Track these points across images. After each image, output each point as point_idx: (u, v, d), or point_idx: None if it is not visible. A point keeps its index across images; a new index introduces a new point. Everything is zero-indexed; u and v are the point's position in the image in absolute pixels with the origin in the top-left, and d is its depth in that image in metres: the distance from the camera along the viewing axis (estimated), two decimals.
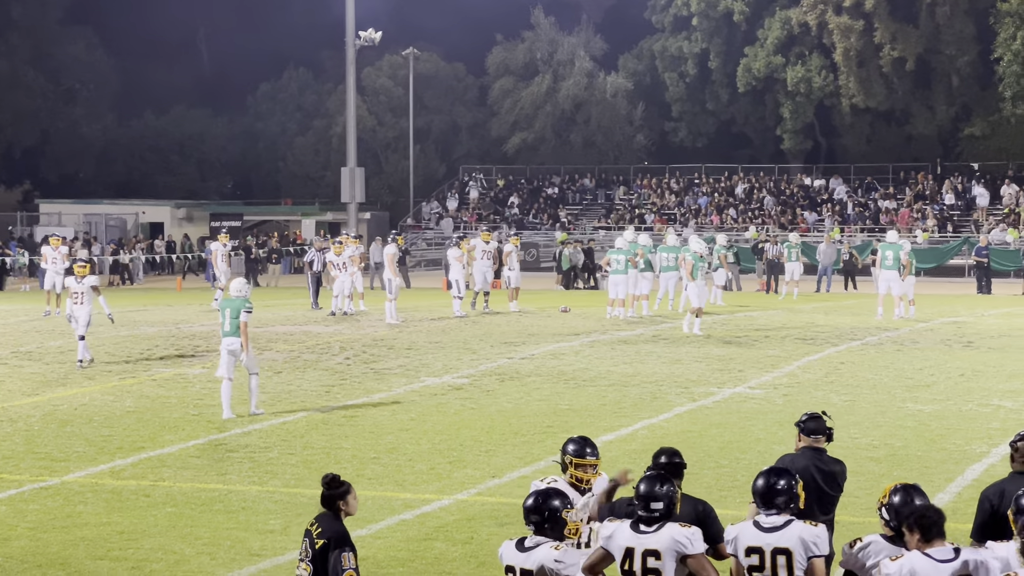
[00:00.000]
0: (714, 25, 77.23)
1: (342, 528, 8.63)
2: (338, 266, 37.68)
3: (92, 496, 14.87)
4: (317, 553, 8.52)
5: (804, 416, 10.12)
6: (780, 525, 8.15)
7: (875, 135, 77.03)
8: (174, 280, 57.81)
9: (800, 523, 8.16)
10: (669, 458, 9.16)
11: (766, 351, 27.97)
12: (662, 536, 8.01)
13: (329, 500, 8.78)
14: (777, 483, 8.25)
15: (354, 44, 61.16)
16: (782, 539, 8.09)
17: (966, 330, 32.45)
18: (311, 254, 41.83)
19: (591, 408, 20.54)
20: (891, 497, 8.05)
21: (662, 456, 9.18)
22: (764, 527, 8.17)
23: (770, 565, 8.10)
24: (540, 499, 8.18)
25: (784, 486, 8.24)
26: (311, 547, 8.58)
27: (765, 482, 8.28)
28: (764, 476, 8.32)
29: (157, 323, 35.56)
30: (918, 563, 7.53)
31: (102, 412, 20.45)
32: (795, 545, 8.06)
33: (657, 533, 8.03)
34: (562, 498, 8.28)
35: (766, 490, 8.26)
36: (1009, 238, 56.91)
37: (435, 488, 15.18)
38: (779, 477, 8.29)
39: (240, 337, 19.91)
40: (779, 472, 8.37)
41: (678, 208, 70.78)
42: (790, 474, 8.39)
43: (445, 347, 29.02)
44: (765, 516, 8.22)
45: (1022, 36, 66.42)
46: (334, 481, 8.79)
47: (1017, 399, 21.21)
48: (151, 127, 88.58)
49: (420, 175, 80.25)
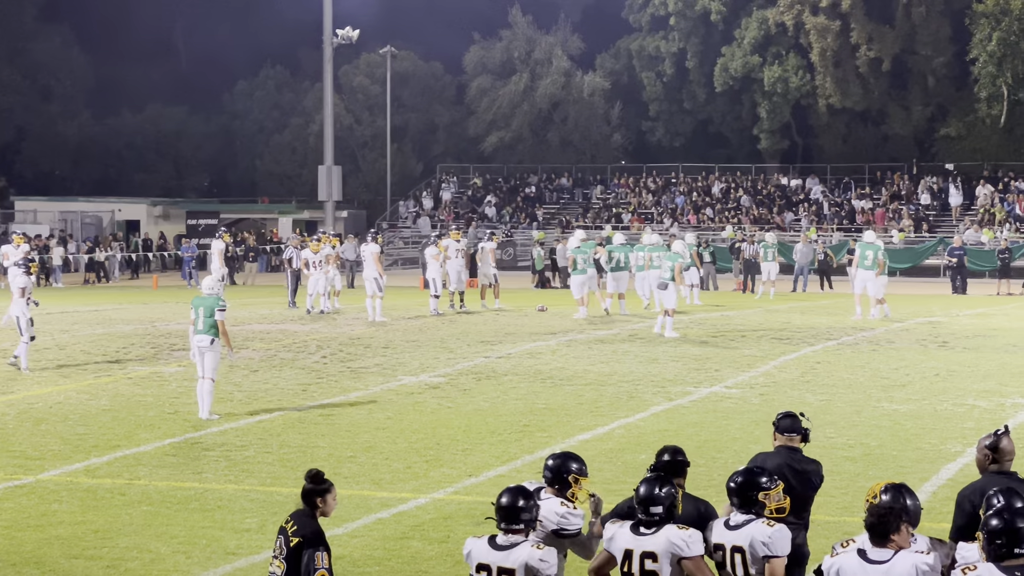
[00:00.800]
0: (691, 25, 77.39)
1: (317, 527, 8.57)
2: (314, 264, 37.67)
3: (67, 495, 14.82)
4: (291, 551, 8.47)
5: (780, 414, 10.11)
6: (741, 523, 8.21)
7: (851, 135, 77.30)
8: (150, 278, 57.66)
9: (758, 523, 8.19)
10: (672, 456, 9.12)
11: (743, 351, 28.02)
12: (659, 538, 8.03)
13: (308, 496, 8.71)
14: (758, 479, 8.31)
15: (331, 42, 61.05)
16: (739, 537, 8.17)
17: (941, 330, 32.55)
18: (289, 251, 41.78)
19: (568, 407, 20.55)
20: (881, 496, 8.03)
21: (665, 454, 9.14)
22: (730, 525, 8.25)
23: (730, 562, 8.19)
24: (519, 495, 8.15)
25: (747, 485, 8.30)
26: (286, 545, 8.52)
27: (744, 481, 8.32)
28: (742, 475, 8.36)
29: (133, 321, 35.46)
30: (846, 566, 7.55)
31: (77, 410, 20.38)
32: (747, 544, 8.12)
33: (655, 535, 8.05)
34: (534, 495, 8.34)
35: (741, 490, 8.29)
36: (984, 238, 57.11)
37: (411, 487, 15.17)
38: (757, 477, 8.32)
39: (210, 335, 19.74)
40: (757, 473, 8.38)
41: (655, 207, 70.84)
42: (769, 475, 8.40)
43: (422, 346, 29.01)
44: (735, 514, 8.29)
45: (998, 37, 66.67)
46: (318, 477, 8.73)
47: (991, 399, 21.29)
48: (127, 124, 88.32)
49: (397, 174, 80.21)
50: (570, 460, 8.81)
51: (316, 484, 8.69)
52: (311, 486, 8.70)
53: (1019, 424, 18.88)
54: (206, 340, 19.76)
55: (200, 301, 19.94)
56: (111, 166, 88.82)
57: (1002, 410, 20.20)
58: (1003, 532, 7.05)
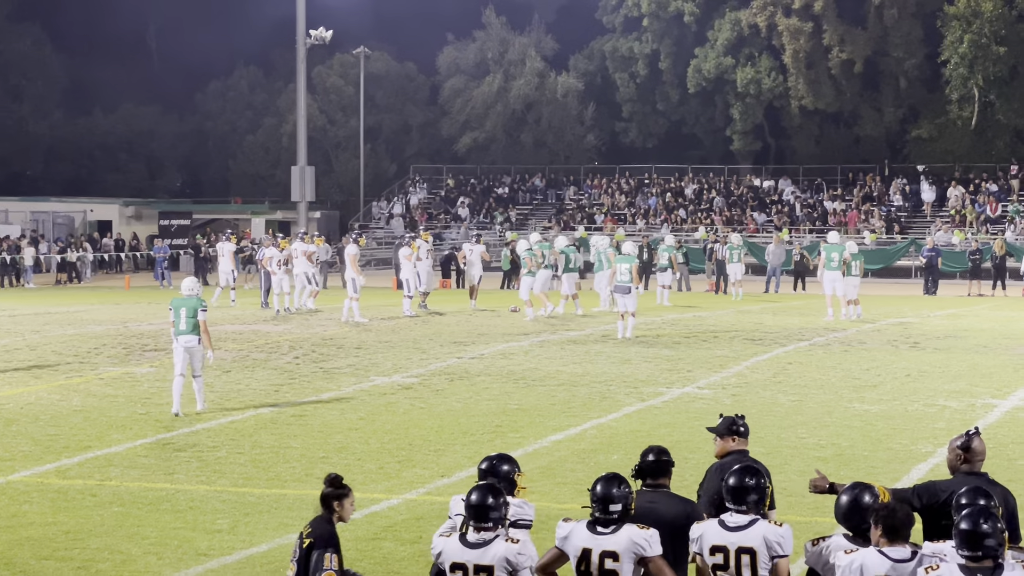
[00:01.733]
0: (664, 26, 77.52)
1: (331, 529, 8.61)
2: (278, 263, 38.06)
3: (38, 496, 14.77)
4: (303, 553, 8.49)
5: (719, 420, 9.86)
6: (745, 524, 8.13)
7: (824, 136, 77.55)
8: (122, 278, 57.49)
9: (765, 523, 8.15)
10: (657, 456, 9.10)
11: (715, 351, 28.08)
12: (620, 537, 8.01)
13: (326, 499, 8.75)
14: (749, 481, 8.26)
15: (305, 43, 60.93)
16: (746, 538, 8.07)
17: (912, 331, 32.69)
18: (262, 252, 41.71)
19: (540, 408, 20.56)
20: (839, 497, 8.08)
21: (650, 454, 9.11)
22: (729, 526, 8.15)
23: (734, 564, 8.09)
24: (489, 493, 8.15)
25: (755, 484, 8.25)
26: (299, 547, 8.56)
27: (738, 480, 8.28)
28: (737, 474, 8.33)
29: (105, 322, 35.36)
30: (870, 559, 7.58)
31: (48, 411, 20.31)
32: (759, 544, 8.04)
33: (615, 535, 8.03)
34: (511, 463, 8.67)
35: (738, 488, 8.26)
36: (955, 240, 57.35)
37: (384, 487, 15.17)
38: (752, 476, 8.30)
39: (196, 334, 20.02)
40: (752, 471, 8.37)
41: (628, 208, 70.92)
42: (761, 474, 8.40)
43: (395, 346, 29.00)
44: (731, 515, 8.21)
45: (969, 39, 66.96)
46: (336, 481, 8.79)
47: (962, 399, 21.39)
48: (99, 124, 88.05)
49: (371, 174, 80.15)
50: (504, 462, 8.85)
51: (334, 488, 8.74)
52: (329, 490, 8.74)
53: (990, 424, 18.97)
54: (193, 340, 20.03)
55: (181, 302, 20.14)
56: (83, 166, 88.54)
57: (972, 410, 20.30)
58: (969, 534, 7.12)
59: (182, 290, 20.61)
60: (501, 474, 8.70)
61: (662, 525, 8.31)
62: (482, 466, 8.84)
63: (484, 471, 8.76)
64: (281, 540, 12.81)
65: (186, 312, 20.04)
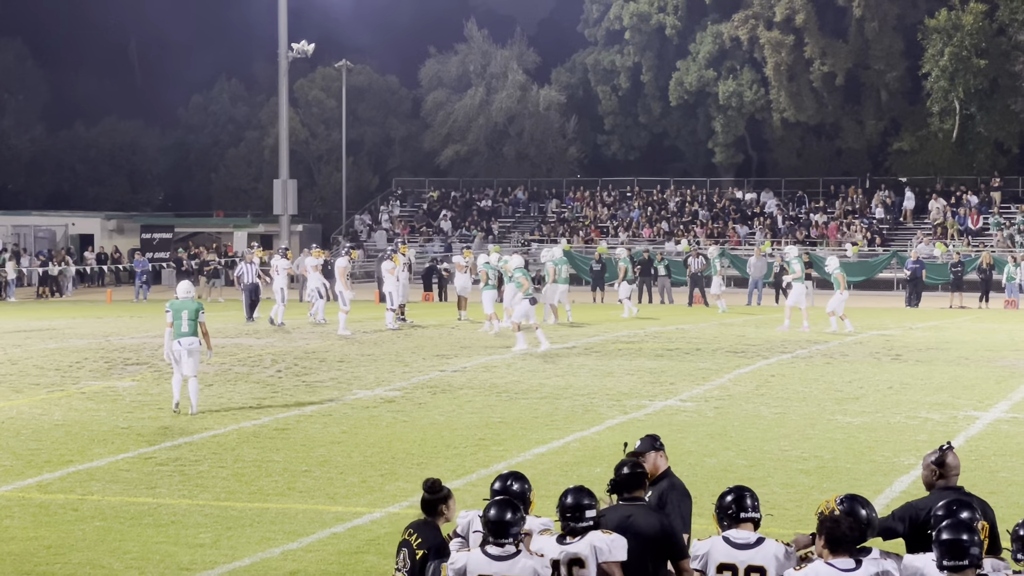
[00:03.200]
0: (646, 39, 77.66)
1: (442, 538, 8.63)
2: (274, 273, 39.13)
3: (19, 510, 14.71)
4: (418, 563, 8.45)
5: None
6: (753, 542, 8.11)
7: (805, 149, 77.71)
8: (104, 292, 57.35)
9: (773, 541, 8.13)
10: (632, 469, 9.12)
11: (697, 364, 28.10)
12: (583, 544, 8.07)
13: (429, 505, 8.76)
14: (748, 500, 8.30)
15: (287, 56, 61.01)
16: (756, 556, 8.05)
17: (895, 343, 32.76)
18: (241, 267, 41.67)
19: (523, 421, 20.55)
20: (838, 507, 8.05)
21: (625, 467, 9.13)
22: (736, 543, 8.13)
23: None
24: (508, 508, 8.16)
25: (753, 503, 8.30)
26: (411, 557, 8.49)
27: (738, 494, 8.31)
28: (735, 491, 8.35)
29: (87, 335, 35.27)
30: (820, 571, 7.58)
31: (30, 425, 20.24)
32: (770, 563, 8.02)
33: (579, 541, 8.09)
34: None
35: (740, 502, 8.28)
36: (937, 252, 57.50)
37: (367, 501, 15.13)
38: (748, 494, 8.34)
39: (197, 336, 21.09)
40: (747, 490, 8.40)
41: (611, 221, 70.99)
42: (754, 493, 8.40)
43: (377, 359, 28.97)
44: (736, 532, 8.19)
45: (950, 52, 67.17)
46: (436, 485, 8.80)
47: (944, 411, 21.43)
48: (81, 138, 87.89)
49: (353, 187, 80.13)
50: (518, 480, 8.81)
51: (434, 493, 8.76)
52: (431, 495, 8.75)
53: (972, 436, 19.02)
54: (195, 341, 21.06)
55: (181, 305, 21.19)
56: (65, 180, 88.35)
57: (955, 422, 20.33)
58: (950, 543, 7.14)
59: (179, 294, 21.73)
60: (514, 493, 8.64)
61: (640, 538, 8.32)
62: (495, 486, 8.78)
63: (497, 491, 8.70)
64: (264, 554, 12.79)
65: (187, 314, 21.05)
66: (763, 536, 8.18)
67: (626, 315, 41.67)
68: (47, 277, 58.76)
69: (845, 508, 7.94)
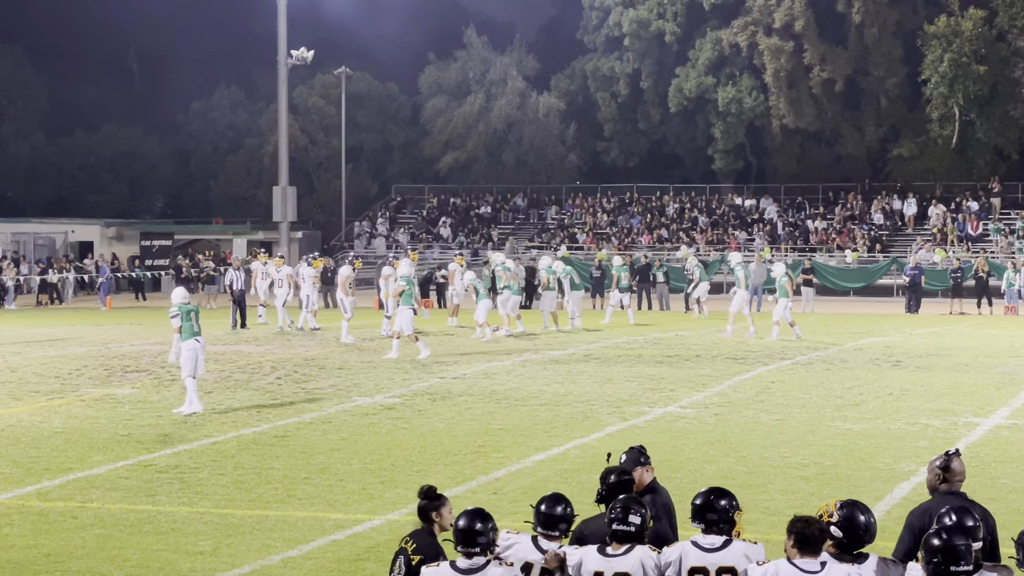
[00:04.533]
0: (646, 45, 77.66)
1: (438, 546, 8.66)
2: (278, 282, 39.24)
3: (19, 518, 14.70)
4: (414, 570, 8.48)
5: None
6: (720, 545, 8.16)
7: (805, 155, 77.71)
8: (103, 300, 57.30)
9: (741, 542, 8.19)
10: (618, 477, 9.12)
11: (697, 370, 28.09)
12: (632, 559, 8.09)
13: (424, 512, 8.81)
14: (721, 502, 8.30)
15: (286, 63, 60.99)
16: (727, 558, 8.11)
17: (894, 349, 32.75)
18: (231, 275, 41.57)
19: (523, 427, 20.54)
20: (837, 512, 8.04)
21: (611, 475, 9.14)
22: (705, 547, 8.17)
23: None
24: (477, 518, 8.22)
25: (728, 505, 8.30)
26: (406, 564, 8.52)
27: (706, 500, 8.31)
28: (705, 495, 8.36)
29: (86, 343, 35.26)
30: (781, 570, 7.68)
31: (29, 433, 20.23)
32: (740, 563, 8.07)
33: (627, 556, 8.11)
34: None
35: (707, 507, 8.29)
36: (936, 258, 57.49)
37: (367, 508, 15.12)
38: (724, 496, 8.35)
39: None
40: (722, 493, 8.40)
41: (610, 228, 70.99)
42: (731, 496, 8.40)
43: (377, 367, 28.96)
44: (704, 536, 8.22)
45: (949, 58, 67.19)
46: (431, 492, 8.86)
47: (944, 418, 21.42)
48: (81, 145, 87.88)
49: (352, 194, 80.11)
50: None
51: (431, 500, 8.83)
52: (426, 502, 8.81)
53: (972, 443, 19.00)
54: (203, 341, 22.43)
55: (188, 308, 22.31)
56: (64, 187, 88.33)
57: (955, 429, 20.32)
58: (941, 550, 7.13)
59: (176, 299, 22.56)
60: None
61: None
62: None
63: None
64: (264, 561, 12.77)
65: (195, 316, 22.33)
66: (730, 538, 8.22)
67: (607, 321, 41.72)
68: (46, 284, 58.70)
69: (844, 514, 7.94)
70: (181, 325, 22.16)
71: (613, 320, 41.97)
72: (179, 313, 22.24)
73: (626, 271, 44.52)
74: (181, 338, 22.24)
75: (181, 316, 22.18)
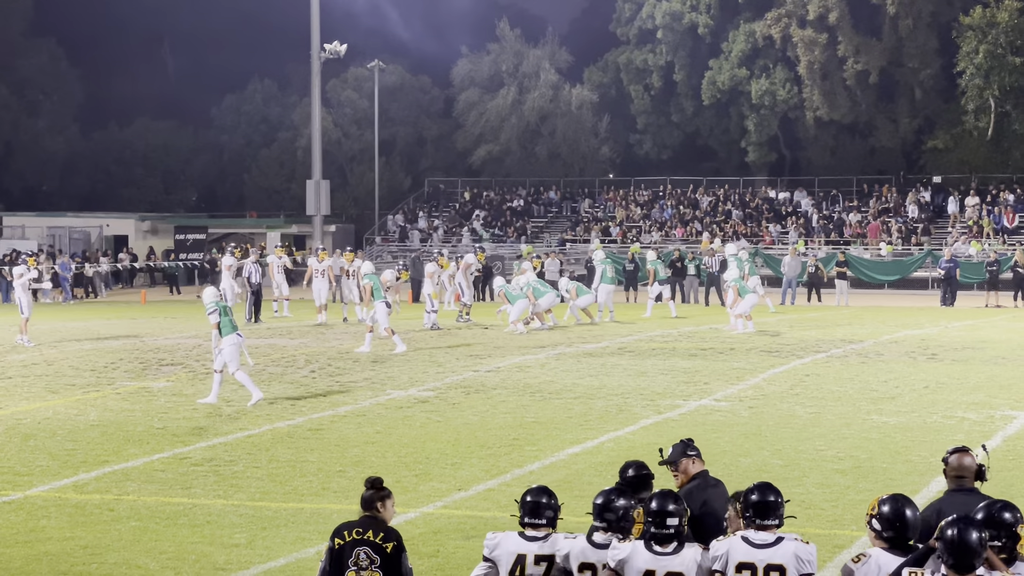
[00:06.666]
0: (679, 38, 77.49)
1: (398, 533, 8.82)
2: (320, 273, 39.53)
3: (55, 511, 14.75)
4: (389, 557, 8.57)
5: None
6: (772, 542, 8.10)
7: (839, 148, 77.40)
8: (138, 293, 57.56)
9: (793, 540, 8.11)
10: (637, 471, 9.10)
11: (731, 363, 28.01)
12: (685, 558, 8.09)
13: (370, 502, 8.86)
14: (771, 497, 8.26)
15: (319, 56, 61.07)
16: (776, 555, 8.03)
17: (930, 342, 32.58)
18: (248, 267, 41.53)
19: (557, 421, 20.52)
20: (880, 507, 7.99)
21: (630, 469, 9.12)
22: (755, 543, 8.11)
23: None
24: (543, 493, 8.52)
25: (778, 500, 8.26)
26: (377, 552, 8.56)
27: (761, 496, 8.26)
28: (758, 491, 8.30)
29: (121, 336, 35.39)
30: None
31: (66, 426, 20.32)
32: (789, 562, 8.00)
33: (679, 555, 8.12)
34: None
35: (763, 504, 8.24)
36: (972, 250, 57.21)
37: (401, 501, 15.09)
38: (772, 492, 8.30)
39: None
40: (770, 487, 8.35)
41: (643, 220, 70.86)
42: (779, 491, 8.34)
43: (411, 360, 28.97)
44: (755, 532, 8.17)
45: (984, 49, 66.81)
46: (378, 483, 8.93)
47: (981, 411, 21.30)
48: (115, 139, 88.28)
49: (385, 187, 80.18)
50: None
51: (377, 490, 8.90)
52: (372, 492, 8.87)
53: (1009, 436, 18.90)
54: (243, 336, 23.00)
55: (224, 304, 22.83)
56: (99, 181, 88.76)
57: (992, 422, 20.21)
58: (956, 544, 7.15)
59: (210, 297, 23.08)
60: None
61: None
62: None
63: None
64: (299, 554, 12.79)
65: (232, 312, 22.94)
66: (782, 535, 8.16)
67: (648, 315, 41.67)
68: (82, 278, 58.96)
69: (889, 509, 7.90)
70: (220, 321, 22.40)
71: (653, 313, 41.98)
72: (217, 309, 22.51)
73: (660, 264, 44.46)
74: (221, 334, 22.43)
75: (219, 312, 22.45)
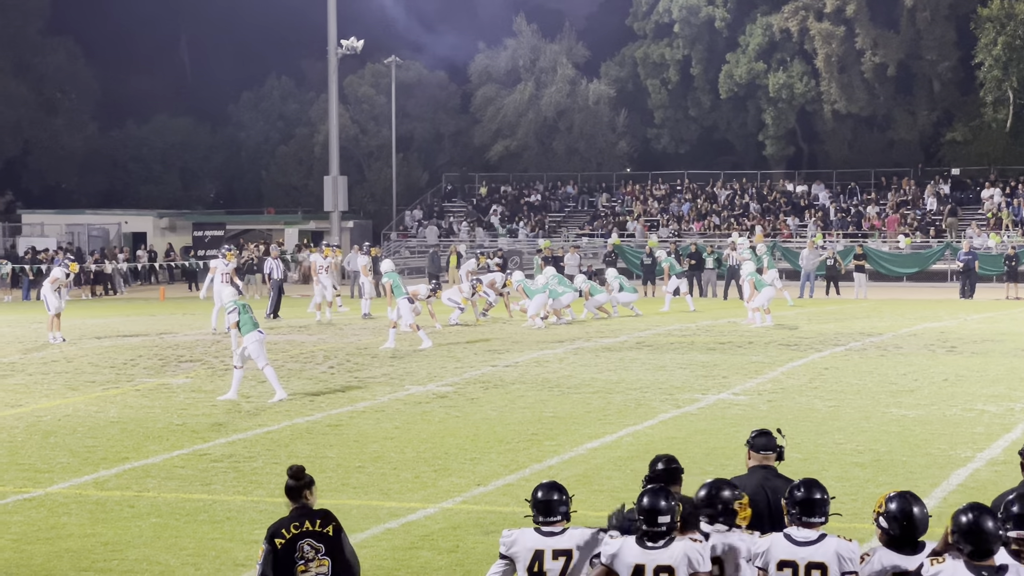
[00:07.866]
0: (696, 32, 77.40)
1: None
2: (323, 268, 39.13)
3: (76, 507, 14.81)
4: (332, 541, 8.68)
5: (754, 433, 9.87)
6: (815, 539, 8.05)
7: (857, 141, 77.26)
8: (157, 290, 57.68)
9: (835, 538, 8.06)
10: (667, 464, 9.09)
11: (750, 357, 27.98)
12: (675, 551, 7.98)
13: (297, 491, 9.03)
14: (817, 494, 8.21)
15: (336, 53, 61.12)
16: (817, 553, 7.99)
17: (949, 335, 32.50)
18: (269, 264, 41.62)
19: (576, 415, 20.52)
20: (887, 505, 7.95)
21: (659, 463, 9.10)
22: (798, 540, 8.08)
23: None
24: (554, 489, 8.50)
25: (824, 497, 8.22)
26: (321, 540, 8.61)
27: (807, 493, 8.21)
28: (804, 488, 8.25)
29: (140, 333, 35.48)
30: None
31: (86, 423, 20.38)
32: (831, 560, 7.95)
33: (669, 548, 8.00)
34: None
35: (810, 501, 8.20)
36: (991, 243, 57.05)
37: (420, 496, 15.15)
38: (818, 489, 8.24)
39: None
40: (817, 484, 8.29)
41: (661, 215, 70.80)
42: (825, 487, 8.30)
43: (429, 355, 28.99)
44: (798, 530, 8.13)
45: (1003, 41, 66.62)
46: (301, 471, 9.09)
47: (1001, 404, 21.25)
48: (133, 136, 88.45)
49: (403, 183, 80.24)
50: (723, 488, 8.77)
51: (299, 479, 9.11)
52: (294, 482, 9.08)
53: None
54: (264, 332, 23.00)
55: (243, 303, 22.93)
56: (117, 178, 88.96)
57: (1012, 415, 20.17)
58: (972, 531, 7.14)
59: (227, 295, 23.42)
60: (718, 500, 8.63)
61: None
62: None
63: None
64: None
65: (250, 310, 22.78)
66: (825, 532, 8.12)
67: (665, 309, 41.69)
68: (101, 275, 59.09)
69: (896, 506, 7.84)
70: (239, 319, 22.38)
71: (671, 307, 41.98)
72: (236, 307, 22.54)
73: (674, 260, 44.48)
74: (241, 332, 22.38)
75: (239, 310, 22.46)
